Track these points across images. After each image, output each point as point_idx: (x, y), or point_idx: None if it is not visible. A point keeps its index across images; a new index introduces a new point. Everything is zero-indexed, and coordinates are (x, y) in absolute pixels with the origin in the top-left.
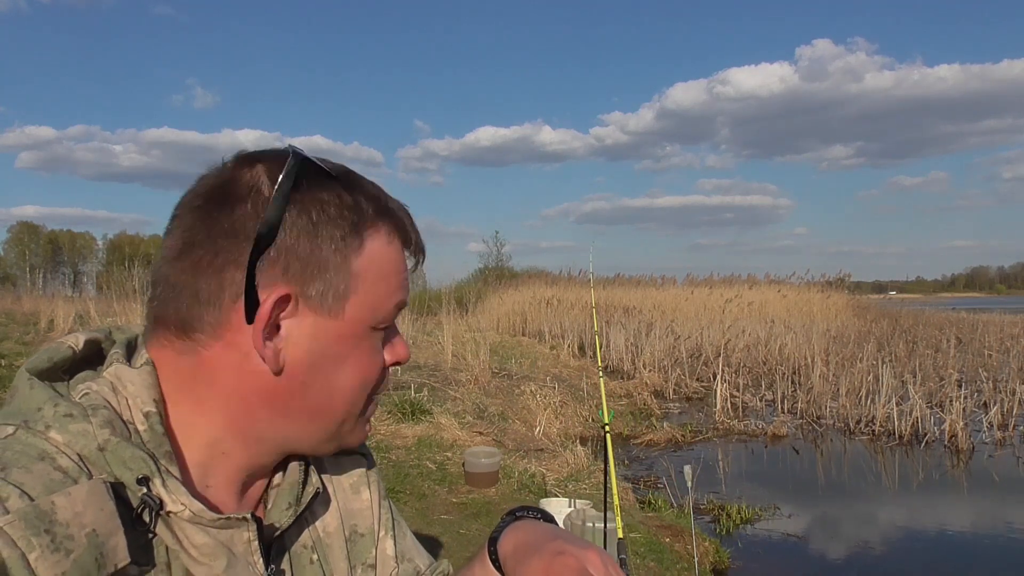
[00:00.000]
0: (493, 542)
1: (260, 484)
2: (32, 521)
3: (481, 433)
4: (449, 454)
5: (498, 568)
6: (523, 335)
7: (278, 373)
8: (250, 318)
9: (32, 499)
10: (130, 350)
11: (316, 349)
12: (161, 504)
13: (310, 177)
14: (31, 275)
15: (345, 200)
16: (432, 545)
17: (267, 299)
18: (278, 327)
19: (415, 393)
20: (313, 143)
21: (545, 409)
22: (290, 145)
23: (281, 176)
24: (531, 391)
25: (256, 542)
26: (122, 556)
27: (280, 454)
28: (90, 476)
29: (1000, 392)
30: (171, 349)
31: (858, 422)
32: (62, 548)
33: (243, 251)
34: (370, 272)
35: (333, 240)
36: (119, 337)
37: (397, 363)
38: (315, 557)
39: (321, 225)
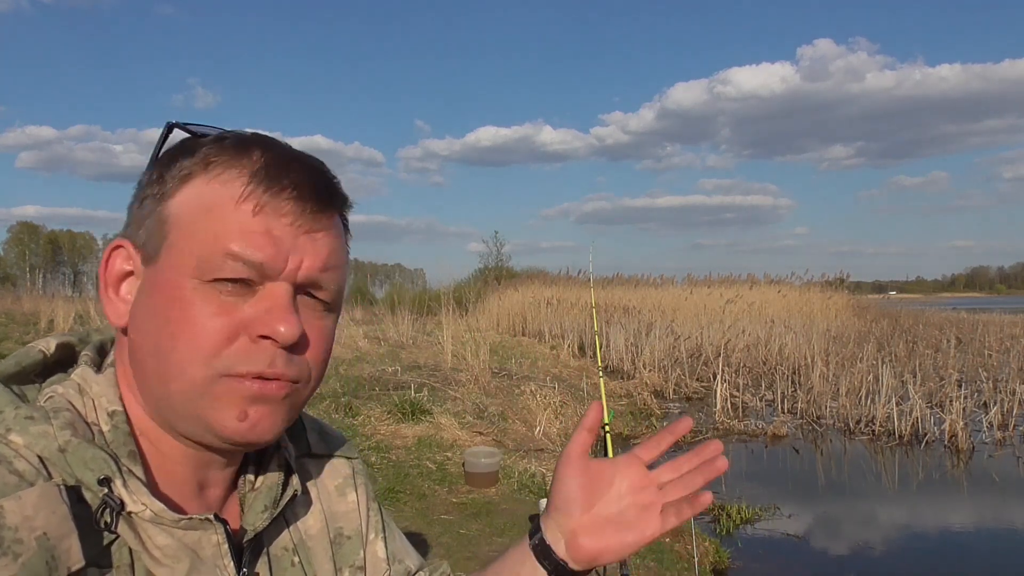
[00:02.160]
0: (535, 524)
1: (217, 485)
2: None
3: (481, 433)
4: (449, 454)
5: (531, 532)
6: (523, 335)
7: (125, 331)
8: None
9: None
10: (103, 352)
11: (142, 302)
12: (122, 505)
13: (174, 146)
14: (31, 275)
15: (184, 150)
16: (432, 545)
17: (106, 250)
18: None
19: (415, 393)
20: (314, 143)
21: (545, 409)
22: (172, 121)
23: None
24: (531, 391)
25: (226, 545)
26: (75, 559)
27: (180, 437)
28: (49, 478)
29: (1000, 392)
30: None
31: (858, 422)
32: (10, 552)
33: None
34: (187, 213)
35: (156, 188)
36: (95, 339)
37: (267, 337)
38: (296, 559)
39: (154, 177)
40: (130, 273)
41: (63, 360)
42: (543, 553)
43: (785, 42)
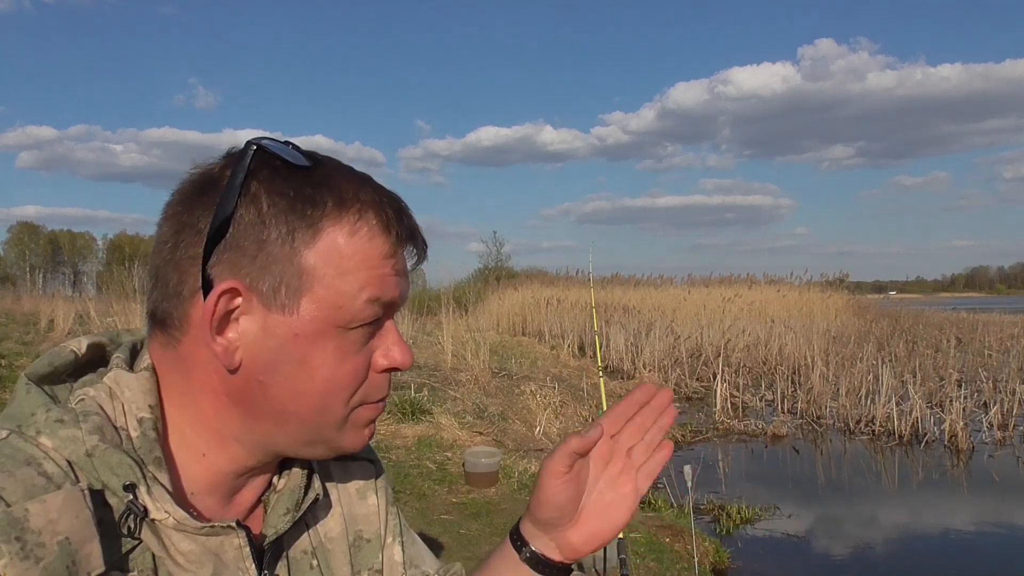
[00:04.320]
0: (515, 524)
1: (252, 489)
2: (3, 528)
3: (481, 433)
4: (449, 454)
5: (517, 546)
6: (523, 335)
7: (234, 370)
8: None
9: (8, 504)
10: (135, 353)
11: (273, 347)
12: (146, 511)
13: (268, 169)
14: (31, 275)
15: (299, 191)
16: (432, 545)
17: (213, 293)
18: (231, 322)
19: (415, 393)
20: (315, 143)
21: (545, 409)
22: (253, 139)
23: (234, 168)
24: (531, 391)
25: (247, 549)
26: (96, 564)
27: (265, 456)
28: (76, 482)
29: (1000, 392)
30: (158, 343)
31: (858, 422)
32: (32, 556)
33: (199, 245)
34: (327, 266)
35: (280, 233)
36: (126, 340)
37: (393, 368)
38: (315, 562)
39: (269, 218)
40: (231, 312)
41: (94, 360)
42: (537, 562)
43: (786, 42)
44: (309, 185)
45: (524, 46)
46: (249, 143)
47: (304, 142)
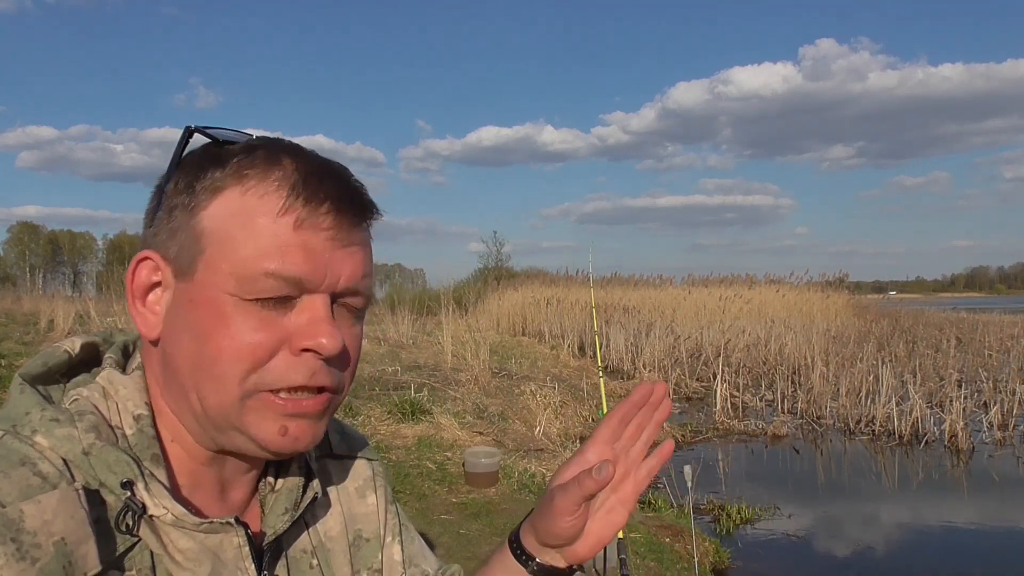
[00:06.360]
0: (514, 536)
1: (240, 487)
2: None
3: (481, 433)
4: (449, 454)
5: (522, 560)
6: (523, 335)
7: (155, 342)
8: None
9: (4, 505)
10: (127, 353)
11: (175, 314)
12: (144, 508)
13: (201, 148)
14: (31, 275)
15: (211, 158)
16: (432, 545)
17: (132, 263)
18: (158, 295)
19: (415, 393)
20: (316, 142)
21: (545, 409)
22: (192, 125)
23: (173, 152)
24: (531, 391)
25: (247, 548)
26: (92, 564)
27: (212, 444)
28: (72, 481)
29: (1000, 392)
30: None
31: (858, 422)
32: (28, 557)
33: (146, 226)
34: (221, 229)
35: (184, 199)
36: (119, 340)
37: (310, 350)
38: (315, 562)
39: (181, 186)
40: (156, 284)
41: (87, 360)
42: (544, 573)
43: (787, 42)
44: (224, 153)
45: (524, 46)
46: (187, 128)
47: (304, 142)
